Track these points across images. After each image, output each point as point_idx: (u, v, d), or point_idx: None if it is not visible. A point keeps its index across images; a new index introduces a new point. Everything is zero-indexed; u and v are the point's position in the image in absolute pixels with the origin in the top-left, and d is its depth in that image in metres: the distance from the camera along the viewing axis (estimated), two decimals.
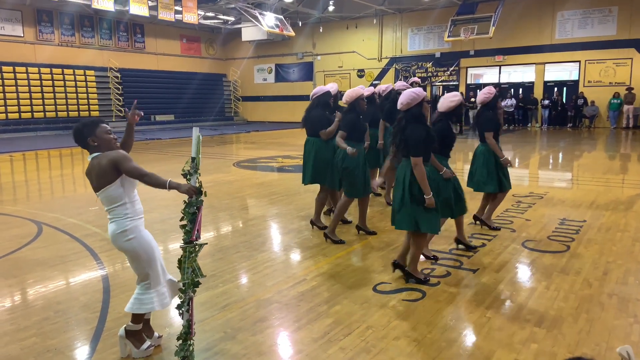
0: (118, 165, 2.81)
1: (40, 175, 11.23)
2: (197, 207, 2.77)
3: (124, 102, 24.03)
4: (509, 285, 4.09)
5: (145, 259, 2.94)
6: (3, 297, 4.01)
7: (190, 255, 2.73)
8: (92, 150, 2.91)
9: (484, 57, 22.92)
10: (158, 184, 2.80)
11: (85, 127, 2.91)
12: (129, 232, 2.88)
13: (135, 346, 3.01)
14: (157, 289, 2.99)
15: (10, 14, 20.81)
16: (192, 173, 2.76)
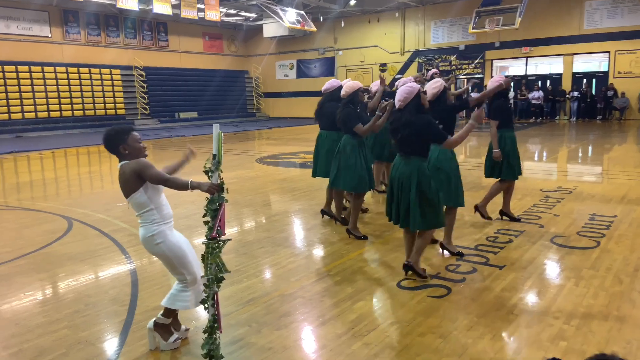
0: (140, 173, 2.88)
1: (69, 172, 11.50)
2: (219, 204, 2.79)
3: (149, 100, 24.41)
4: (537, 282, 4.02)
5: (176, 262, 3.00)
6: (35, 290, 4.13)
7: (213, 251, 2.76)
8: (122, 158, 2.98)
9: (510, 49, 22.48)
10: (180, 187, 2.87)
11: (118, 135, 2.96)
12: (157, 237, 2.95)
13: (163, 338, 3.08)
14: (194, 287, 3.06)
15: (37, 14, 21.31)
16: (214, 170, 2.80)
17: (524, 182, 8.42)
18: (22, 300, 3.92)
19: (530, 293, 3.82)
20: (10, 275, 4.44)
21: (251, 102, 30.40)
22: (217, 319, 2.81)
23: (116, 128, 3.03)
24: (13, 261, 4.84)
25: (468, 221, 5.89)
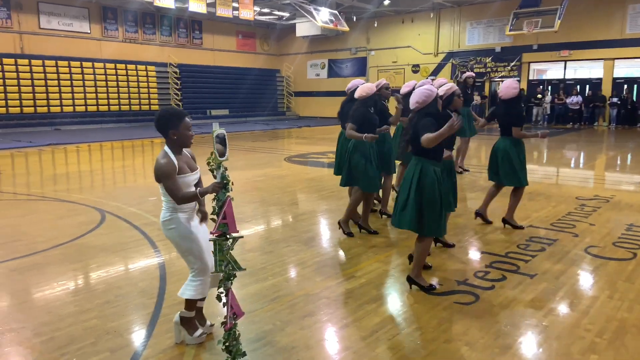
0: (160, 177, 2.92)
1: (103, 165, 11.81)
2: (223, 201, 2.80)
3: (182, 97, 24.84)
4: (569, 293, 3.90)
5: (184, 249, 3.06)
6: (68, 279, 4.25)
7: (221, 248, 2.77)
8: (169, 142, 2.99)
9: (548, 52, 21.89)
10: (192, 199, 2.96)
11: (172, 118, 2.96)
12: (171, 222, 3.02)
13: (189, 333, 3.13)
14: (202, 278, 3.10)
15: (78, 11, 21.96)
16: (216, 168, 2.83)
17: (559, 189, 8.21)
18: (55, 289, 4.04)
19: (562, 304, 3.71)
20: (44, 265, 4.59)
21: (282, 101, 30.57)
22: (235, 315, 2.84)
23: (171, 111, 3.02)
24: (47, 251, 5.00)
25: (499, 227, 5.76)
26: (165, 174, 2.91)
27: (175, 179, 2.93)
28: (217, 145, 2.79)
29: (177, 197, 2.92)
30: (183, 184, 2.98)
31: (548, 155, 13.06)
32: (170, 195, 2.93)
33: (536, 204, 6.95)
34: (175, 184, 2.92)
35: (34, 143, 15.08)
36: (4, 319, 3.46)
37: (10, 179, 9.51)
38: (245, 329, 3.30)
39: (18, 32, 20.29)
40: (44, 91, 20.44)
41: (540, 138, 5.45)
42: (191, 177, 3.05)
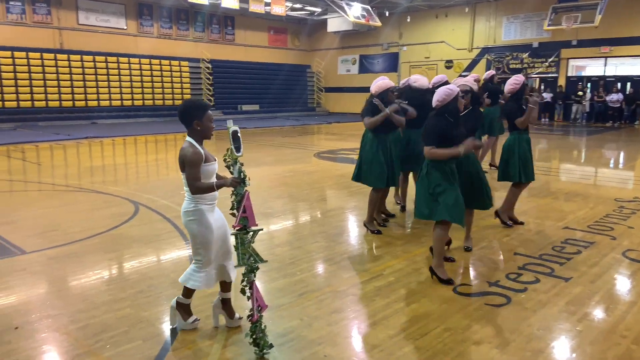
0: (186, 165, 2.98)
1: (138, 159, 12.09)
2: (242, 196, 2.88)
3: (214, 92, 25.16)
4: (606, 298, 3.77)
5: (199, 241, 3.11)
6: (103, 269, 4.37)
7: (243, 241, 2.86)
8: (191, 133, 3.05)
9: (588, 48, 21.17)
10: (208, 190, 3.00)
11: (196, 110, 3.03)
12: (192, 214, 3.07)
13: (183, 318, 3.24)
14: (206, 270, 3.17)
15: (115, 7, 22.48)
16: (233, 164, 2.91)
17: (597, 190, 7.96)
18: (91, 278, 4.16)
19: (598, 309, 3.59)
20: (80, 254, 4.73)
21: (312, 97, 30.59)
22: (260, 307, 2.92)
23: (196, 102, 3.10)
24: (84, 240, 5.15)
25: (533, 229, 5.62)
26: (193, 162, 2.96)
27: (199, 168, 2.98)
28: (233, 142, 2.88)
29: (194, 186, 2.97)
30: (208, 172, 3.05)
31: (586, 155, 12.66)
32: (189, 182, 2.98)
33: (573, 204, 6.75)
34: (197, 173, 2.97)
35: (71, 136, 15.56)
36: (42, 306, 3.59)
37: (49, 171, 9.84)
38: (273, 324, 3.32)
39: (57, 27, 20.93)
40: (82, 86, 21.05)
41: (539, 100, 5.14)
42: (215, 165, 3.12)
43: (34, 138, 14.89)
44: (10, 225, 5.71)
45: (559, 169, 10.60)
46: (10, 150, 12.61)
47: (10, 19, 19.58)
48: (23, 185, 8.33)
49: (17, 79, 19.46)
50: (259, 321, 2.93)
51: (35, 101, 19.85)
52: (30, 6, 20.05)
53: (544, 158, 12.21)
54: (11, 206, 6.83)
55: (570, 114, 21.73)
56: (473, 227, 5.02)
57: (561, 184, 8.52)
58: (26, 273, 4.23)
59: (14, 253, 4.75)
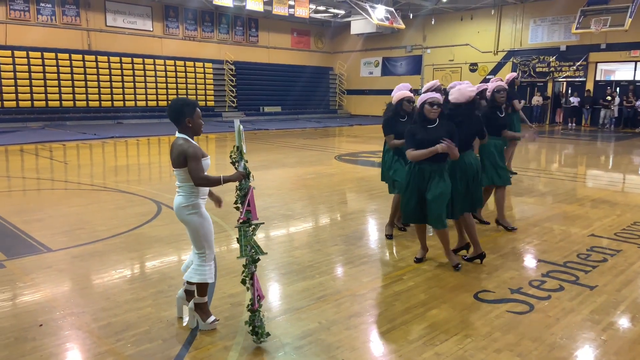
0: (187, 158, 3.05)
1: (161, 159, 12.26)
2: (247, 190, 3.02)
3: (237, 93, 25.38)
4: (632, 307, 3.67)
5: (202, 233, 3.19)
6: (126, 267, 4.44)
7: (246, 234, 2.99)
8: (182, 130, 3.17)
9: (617, 52, 20.68)
10: (214, 183, 3.09)
11: (187, 107, 3.15)
12: (192, 207, 3.16)
13: (202, 319, 3.27)
14: (211, 263, 3.27)
15: (142, 9, 22.90)
16: (238, 160, 3.05)
17: (625, 197, 7.76)
18: (113, 276, 4.23)
19: (623, 318, 3.49)
20: (104, 253, 4.82)
21: (334, 99, 30.60)
22: (259, 297, 3.04)
23: (186, 100, 3.21)
24: (107, 239, 5.24)
25: (558, 235, 5.51)
26: (194, 156, 3.04)
27: (201, 161, 3.08)
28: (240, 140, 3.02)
29: (198, 178, 3.05)
30: (205, 166, 3.14)
31: (614, 161, 12.35)
32: (194, 176, 3.04)
33: (600, 211, 6.59)
34: (200, 165, 3.07)
35: (98, 135, 15.89)
36: (66, 303, 3.67)
37: (75, 170, 10.06)
38: (292, 326, 3.33)
39: (86, 29, 21.43)
40: (108, 86, 21.48)
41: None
42: (208, 160, 3.20)
43: (61, 137, 15.25)
44: (38, 223, 5.85)
45: (586, 175, 10.36)
46: (38, 148, 12.94)
47: (40, 20, 20.13)
48: (50, 184, 8.53)
49: (47, 79, 19.98)
50: (258, 310, 3.03)
51: (63, 101, 20.35)
52: (60, 8, 20.57)
53: (571, 164, 11.96)
54: (39, 204, 7.00)
55: (599, 119, 21.24)
56: (497, 233, 4.93)
57: (588, 191, 8.33)
58: (52, 270, 4.32)
59: (41, 250, 4.87)
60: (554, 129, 20.97)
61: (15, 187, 8.40)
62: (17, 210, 6.46)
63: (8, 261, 4.54)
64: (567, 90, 22.93)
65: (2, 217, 6.01)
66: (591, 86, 21.64)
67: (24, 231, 5.47)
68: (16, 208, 6.61)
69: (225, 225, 5.79)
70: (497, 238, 5.37)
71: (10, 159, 11.49)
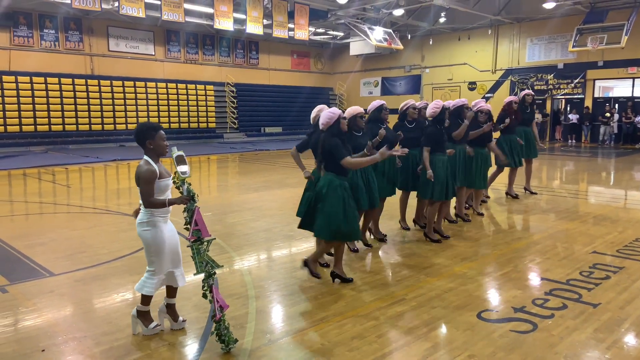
0: (140, 182, 3.30)
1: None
2: (192, 211, 3.26)
3: (238, 115, 25.59)
4: (636, 324, 3.65)
5: (153, 250, 3.41)
6: (128, 291, 4.43)
7: (199, 251, 3.24)
8: (147, 152, 3.42)
9: (614, 69, 20.87)
10: (160, 205, 3.34)
11: (148, 130, 3.41)
12: (147, 225, 3.39)
13: (144, 325, 3.50)
14: (159, 276, 3.48)
15: (144, 34, 23.24)
16: (181, 185, 3.31)
17: (626, 213, 7.75)
18: (115, 300, 4.23)
19: (627, 336, 3.47)
20: (106, 276, 4.82)
21: None
22: (220, 307, 3.24)
23: (147, 124, 3.47)
24: (109, 263, 5.25)
25: (560, 253, 5.50)
26: (146, 179, 3.29)
27: (152, 185, 3.31)
28: (179, 166, 3.29)
29: (147, 201, 3.30)
30: (165, 186, 3.39)
31: (615, 177, 12.37)
32: (142, 198, 3.30)
33: (602, 228, 6.59)
34: (151, 189, 3.30)
35: (100, 158, 15.98)
36: (69, 328, 3.66)
37: (77, 193, 10.10)
38: (294, 348, 3.31)
39: (89, 54, 21.72)
40: (111, 110, 21.66)
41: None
42: (169, 180, 3.44)
43: (64, 161, 15.34)
44: (40, 247, 5.86)
45: (587, 192, 10.37)
46: (41, 172, 13.01)
47: (43, 46, 20.42)
48: (52, 208, 8.56)
49: (50, 104, 20.18)
50: (222, 319, 3.23)
51: (66, 125, 20.51)
52: (63, 34, 20.88)
53: (572, 181, 11.97)
54: (41, 228, 7.02)
55: (598, 135, 21.32)
56: (500, 251, 4.93)
57: (589, 207, 8.33)
58: (54, 295, 4.32)
59: (43, 275, 4.87)
60: (554, 146, 21.04)
61: (17, 211, 8.43)
62: (20, 234, 6.48)
63: (10, 286, 4.54)
64: (565, 107, 23.07)
65: (5, 242, 6.03)
66: (590, 103, 21.78)
67: (27, 255, 5.48)
68: (19, 232, 6.63)
69: (227, 247, 5.80)
70: (499, 256, 5.36)
71: (13, 183, 11.55)
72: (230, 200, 9.09)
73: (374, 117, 5.72)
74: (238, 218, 7.19)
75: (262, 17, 20.90)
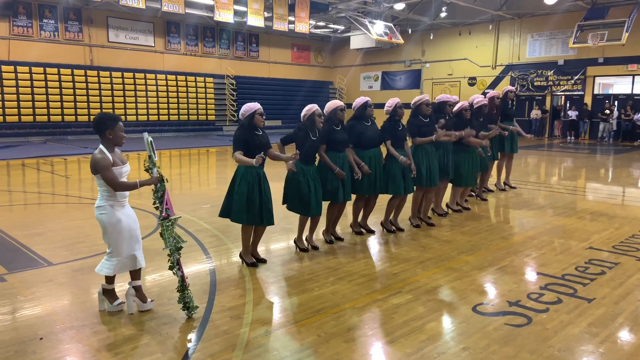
0: (98, 170, 3.48)
1: (162, 173, 12.31)
2: (162, 191, 3.61)
3: (237, 108, 25.54)
4: (630, 320, 3.68)
5: (109, 232, 3.62)
6: (125, 281, 4.44)
7: (167, 228, 3.54)
8: (104, 141, 3.57)
9: (614, 66, 20.86)
10: (131, 188, 3.62)
11: (108, 121, 3.56)
12: (102, 209, 3.60)
13: (110, 302, 3.75)
14: (118, 258, 3.67)
15: (145, 25, 23.15)
16: (152, 167, 3.63)
17: (623, 210, 7.78)
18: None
19: (621, 331, 3.51)
20: None
21: None
22: (184, 279, 3.61)
23: (108, 115, 3.63)
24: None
25: (556, 248, 5.53)
26: (103, 167, 3.47)
27: (111, 171, 3.50)
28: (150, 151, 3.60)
29: (115, 185, 3.51)
30: (119, 174, 3.56)
31: (613, 174, 12.40)
32: (110, 184, 3.50)
33: (598, 224, 6.62)
34: (112, 174, 3.50)
35: None
36: (67, 317, 3.68)
37: (76, 184, 10.11)
38: (290, 339, 3.34)
39: (88, 45, 21.65)
40: (110, 101, 21.63)
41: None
42: (123, 168, 3.63)
43: (63, 151, 15.33)
44: (38, 236, 5.88)
45: (585, 188, 10.40)
46: (40, 163, 13.01)
47: (43, 36, 20.35)
48: (51, 198, 8.57)
49: (49, 94, 20.13)
50: (187, 289, 3.60)
51: (65, 115, 20.48)
52: (62, 24, 20.80)
53: (570, 177, 12.00)
54: (40, 218, 7.04)
55: (597, 132, 21.34)
56: (496, 245, 4.95)
57: (587, 204, 8.37)
58: (52, 284, 4.34)
59: (42, 264, 4.89)
60: (553, 142, 21.06)
61: (16, 201, 8.44)
62: (18, 224, 6.49)
63: (9, 275, 4.56)
64: (565, 103, 23.07)
65: (3, 231, 6.04)
66: (589, 100, 21.78)
67: (25, 245, 5.50)
68: (17, 222, 6.65)
69: (225, 239, 5.82)
70: (496, 251, 5.39)
71: (12, 173, 11.55)
72: None
73: (358, 114, 5.68)
74: None
75: (262, 9, 20.82)
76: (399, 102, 5.91)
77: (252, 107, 4.62)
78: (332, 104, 5.37)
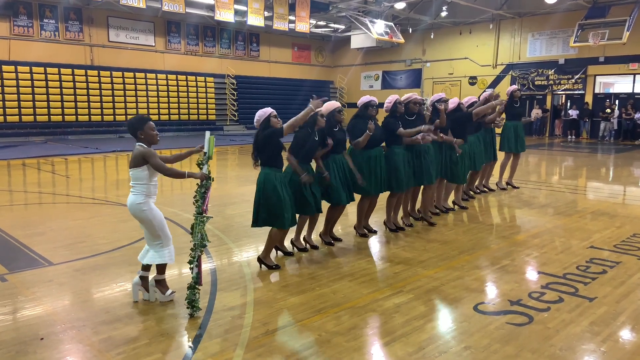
0: (146, 158, 3.66)
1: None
2: (207, 188, 3.78)
3: (238, 107, 25.54)
4: (631, 319, 3.67)
5: (156, 225, 3.79)
6: (126, 281, 4.45)
7: (199, 223, 3.69)
8: (138, 141, 3.75)
9: (615, 65, 20.82)
10: (178, 176, 3.83)
11: (138, 123, 3.76)
12: (144, 205, 3.74)
13: (162, 292, 3.90)
14: (168, 247, 3.88)
15: (145, 25, 23.14)
16: (204, 163, 3.81)
17: (624, 209, 7.78)
18: (114, 290, 4.25)
19: (623, 329, 3.50)
20: (105, 266, 4.84)
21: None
22: (199, 277, 3.68)
23: (137, 117, 3.86)
24: (109, 253, 5.27)
25: (557, 247, 5.52)
26: (151, 154, 3.66)
27: (158, 157, 3.71)
28: (208, 148, 3.84)
29: (165, 170, 3.73)
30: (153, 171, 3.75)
31: (614, 173, 12.39)
32: (160, 169, 3.70)
33: (599, 223, 6.61)
34: (160, 162, 3.70)
35: (100, 149, 15.98)
36: (67, 317, 3.68)
37: (77, 183, 10.11)
38: (292, 339, 3.34)
39: (89, 44, 21.64)
40: (110, 100, 21.62)
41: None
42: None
43: (63, 151, 15.34)
44: (39, 236, 5.88)
45: (586, 187, 10.39)
46: (40, 162, 13.01)
47: (43, 36, 20.34)
48: (52, 198, 8.57)
49: (49, 94, 20.13)
50: (198, 288, 3.65)
51: (65, 115, 20.48)
52: (63, 24, 20.80)
53: (571, 176, 11.98)
54: (40, 218, 7.04)
55: (598, 131, 21.32)
56: (496, 245, 4.96)
57: (588, 203, 8.36)
58: (53, 284, 4.34)
59: (42, 264, 4.89)
60: (554, 141, 21.04)
61: (17, 201, 8.45)
62: (19, 224, 6.49)
63: (10, 275, 4.56)
64: (566, 102, 23.04)
65: (4, 231, 6.05)
66: (590, 99, 21.75)
67: (26, 245, 5.50)
68: (18, 222, 6.65)
69: (225, 238, 5.81)
70: (497, 250, 5.39)
71: (13, 173, 11.55)
72: (230, 192, 9.10)
73: (361, 113, 5.67)
74: (237, 210, 7.20)
75: (263, 8, 20.81)
76: (399, 98, 5.94)
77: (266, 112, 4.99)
78: (330, 105, 5.37)
